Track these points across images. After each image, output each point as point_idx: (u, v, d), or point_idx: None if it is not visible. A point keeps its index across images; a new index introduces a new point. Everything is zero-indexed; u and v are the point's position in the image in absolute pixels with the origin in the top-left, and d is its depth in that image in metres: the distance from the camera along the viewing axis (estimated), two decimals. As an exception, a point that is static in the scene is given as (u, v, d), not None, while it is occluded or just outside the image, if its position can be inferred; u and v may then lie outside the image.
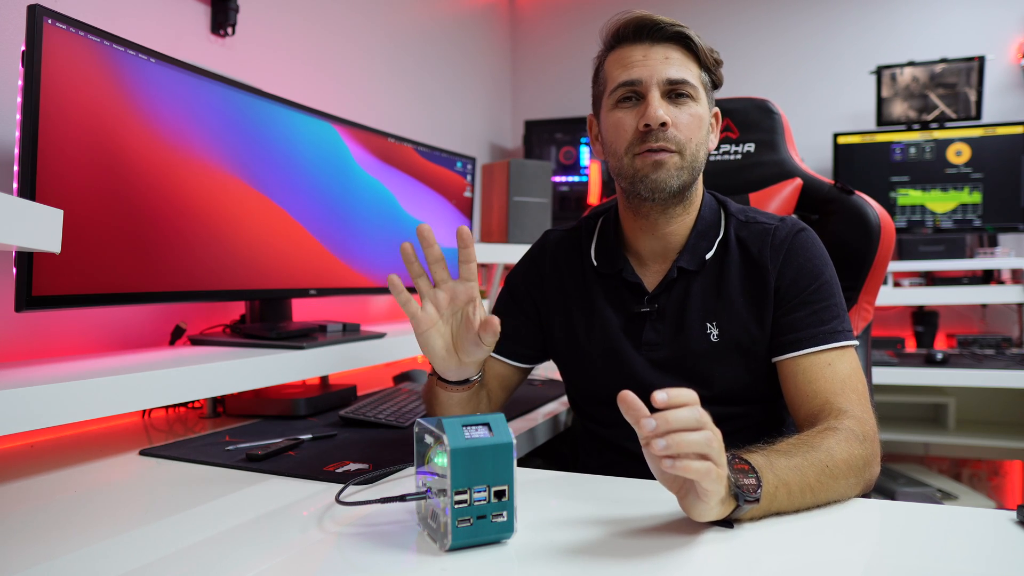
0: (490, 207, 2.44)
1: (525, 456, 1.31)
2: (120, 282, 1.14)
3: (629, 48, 1.01)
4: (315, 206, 1.56)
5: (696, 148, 1.00)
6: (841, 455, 0.81)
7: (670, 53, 0.99)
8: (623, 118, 1.00)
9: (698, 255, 1.05)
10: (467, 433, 0.67)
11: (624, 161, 1.01)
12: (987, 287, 2.60)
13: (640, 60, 0.99)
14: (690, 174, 1.00)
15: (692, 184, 1.02)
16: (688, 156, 0.99)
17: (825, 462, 0.79)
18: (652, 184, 0.99)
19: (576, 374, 1.16)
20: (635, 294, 1.08)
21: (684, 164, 0.99)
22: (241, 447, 1.10)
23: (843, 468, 0.81)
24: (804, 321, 0.98)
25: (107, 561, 0.69)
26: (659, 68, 0.98)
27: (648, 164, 0.98)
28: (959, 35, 2.86)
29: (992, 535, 0.72)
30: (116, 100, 1.13)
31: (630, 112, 1.00)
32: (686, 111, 0.99)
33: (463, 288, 0.92)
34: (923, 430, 2.65)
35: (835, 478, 0.80)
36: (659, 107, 0.97)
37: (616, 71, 1.01)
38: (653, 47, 0.99)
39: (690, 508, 0.70)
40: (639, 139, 0.99)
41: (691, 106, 0.99)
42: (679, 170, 0.99)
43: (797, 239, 1.03)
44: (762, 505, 0.73)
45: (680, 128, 0.98)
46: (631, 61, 1.00)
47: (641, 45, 1.00)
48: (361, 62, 2.26)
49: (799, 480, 0.77)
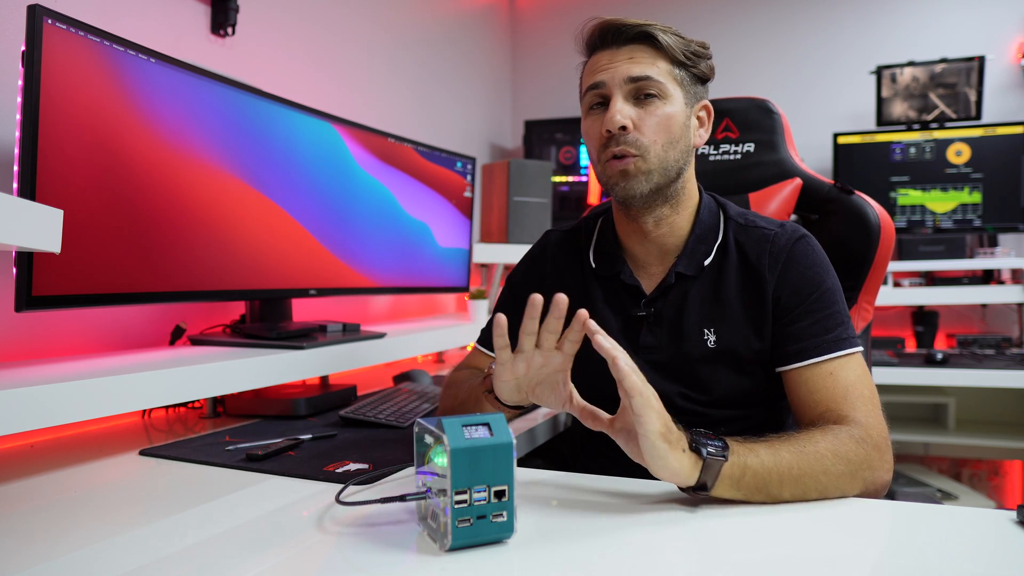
0: (490, 207, 2.44)
1: (525, 456, 1.31)
2: (120, 282, 1.14)
3: (597, 55, 1.01)
4: (315, 206, 1.56)
5: (664, 149, 0.98)
6: (826, 444, 0.82)
7: (635, 53, 0.98)
8: (591, 125, 1.01)
9: (696, 260, 1.04)
10: (467, 433, 0.67)
11: (598, 168, 1.02)
12: (987, 287, 2.60)
13: (606, 64, 0.99)
14: (661, 176, 0.99)
15: (670, 185, 1.01)
16: (653, 158, 0.97)
17: (803, 444, 0.81)
18: (622, 192, 0.99)
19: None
20: (633, 297, 1.07)
21: (651, 167, 0.98)
22: (241, 447, 1.10)
23: (828, 456, 0.81)
24: (807, 331, 0.97)
25: (107, 561, 0.69)
26: (621, 68, 0.97)
27: (616, 172, 0.99)
28: (959, 35, 2.86)
29: (992, 535, 0.72)
30: (116, 100, 1.13)
31: (598, 119, 1.00)
32: (652, 111, 0.97)
33: (560, 360, 0.87)
34: (923, 430, 2.65)
35: (819, 461, 0.81)
36: (618, 112, 0.96)
37: (586, 78, 1.02)
38: (619, 50, 0.99)
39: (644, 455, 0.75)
40: (603, 145, 0.99)
41: (658, 106, 0.97)
42: (646, 174, 0.98)
43: (797, 247, 1.02)
44: (734, 473, 0.76)
45: (644, 130, 0.97)
46: (598, 67, 1.00)
47: (607, 50, 1.00)
48: (361, 62, 2.26)
49: (772, 456, 0.79)
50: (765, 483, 0.78)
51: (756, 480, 0.78)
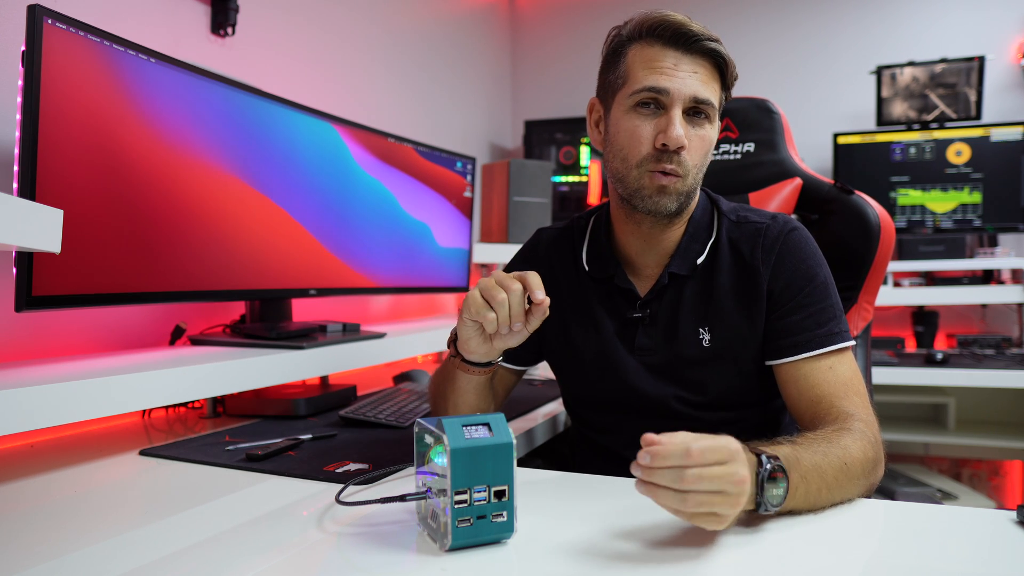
0: (490, 207, 2.44)
1: (525, 456, 1.31)
2: (120, 282, 1.14)
3: (660, 50, 0.95)
4: (315, 206, 1.55)
5: (699, 172, 0.99)
6: (858, 455, 0.81)
7: (699, 67, 0.95)
8: (641, 127, 0.96)
9: (689, 259, 1.04)
10: (467, 433, 0.67)
11: (632, 173, 0.98)
12: (987, 287, 2.60)
13: (670, 68, 0.94)
14: (689, 197, 0.99)
15: (689, 202, 1.01)
16: (691, 180, 0.98)
17: (844, 460, 0.79)
18: (652, 205, 0.97)
19: (570, 377, 1.15)
20: (627, 299, 1.07)
21: (686, 189, 0.98)
22: (241, 447, 1.10)
23: (858, 469, 0.81)
24: (800, 324, 0.97)
25: (107, 561, 0.69)
26: (688, 83, 0.94)
27: (654, 186, 0.96)
28: (959, 35, 2.86)
29: (992, 535, 0.72)
30: (116, 100, 1.13)
31: (648, 121, 0.96)
32: (700, 133, 0.97)
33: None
34: (923, 430, 2.65)
35: (851, 478, 0.80)
36: (680, 128, 0.93)
37: (642, 71, 0.95)
38: (685, 57, 0.95)
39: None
40: (654, 156, 0.95)
41: (706, 128, 0.97)
42: (681, 195, 0.98)
43: (789, 239, 1.01)
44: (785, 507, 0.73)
45: (692, 152, 0.96)
46: (660, 66, 0.94)
47: (674, 51, 0.95)
48: (361, 62, 2.26)
49: (818, 479, 0.76)
50: (800, 508, 0.77)
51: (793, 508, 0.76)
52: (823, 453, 0.78)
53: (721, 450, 0.67)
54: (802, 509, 0.77)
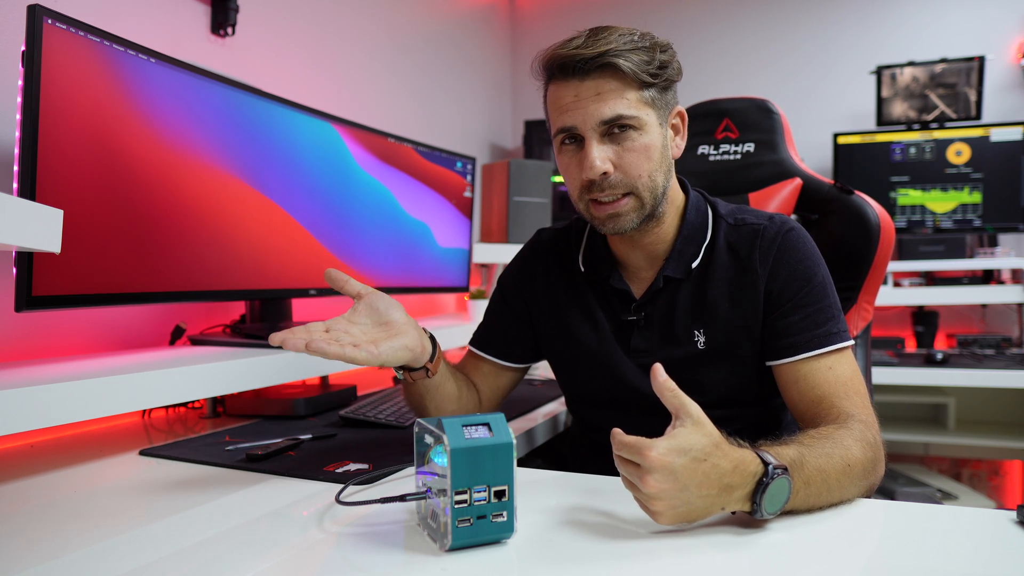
0: (490, 207, 2.44)
1: (525, 456, 1.31)
2: (120, 282, 1.14)
3: (561, 86, 0.94)
4: (315, 206, 1.55)
5: (650, 178, 0.96)
6: (859, 455, 0.81)
7: (602, 86, 0.92)
8: (569, 165, 0.97)
9: (684, 262, 1.03)
10: (467, 433, 0.67)
11: (580, 206, 0.99)
12: (987, 287, 2.60)
13: (572, 102, 0.93)
14: (651, 203, 0.97)
15: (658, 206, 0.99)
16: (644, 190, 0.96)
17: (847, 461, 0.79)
18: (611, 229, 0.98)
19: (568, 376, 1.15)
20: (623, 301, 1.07)
21: (641, 202, 0.96)
22: (241, 447, 1.10)
23: (859, 470, 0.81)
24: (799, 325, 0.97)
25: (107, 561, 0.69)
26: (591, 109, 0.92)
27: (603, 216, 0.97)
28: (959, 35, 2.86)
29: (992, 535, 0.72)
30: (116, 100, 1.13)
31: (574, 158, 0.96)
32: (630, 147, 0.93)
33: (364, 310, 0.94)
34: (923, 430, 2.65)
35: (852, 479, 0.80)
36: (596, 157, 0.92)
37: (554, 114, 0.97)
38: (583, 83, 0.92)
39: None
40: (586, 188, 0.96)
41: (634, 138, 0.93)
42: (637, 210, 0.97)
43: (786, 239, 1.01)
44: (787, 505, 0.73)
45: (626, 168, 0.94)
46: (564, 104, 0.94)
47: (571, 82, 0.93)
48: (361, 62, 2.26)
49: (821, 482, 0.77)
50: (799, 508, 0.77)
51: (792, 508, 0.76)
52: (827, 455, 0.78)
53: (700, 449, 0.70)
54: (801, 510, 0.77)
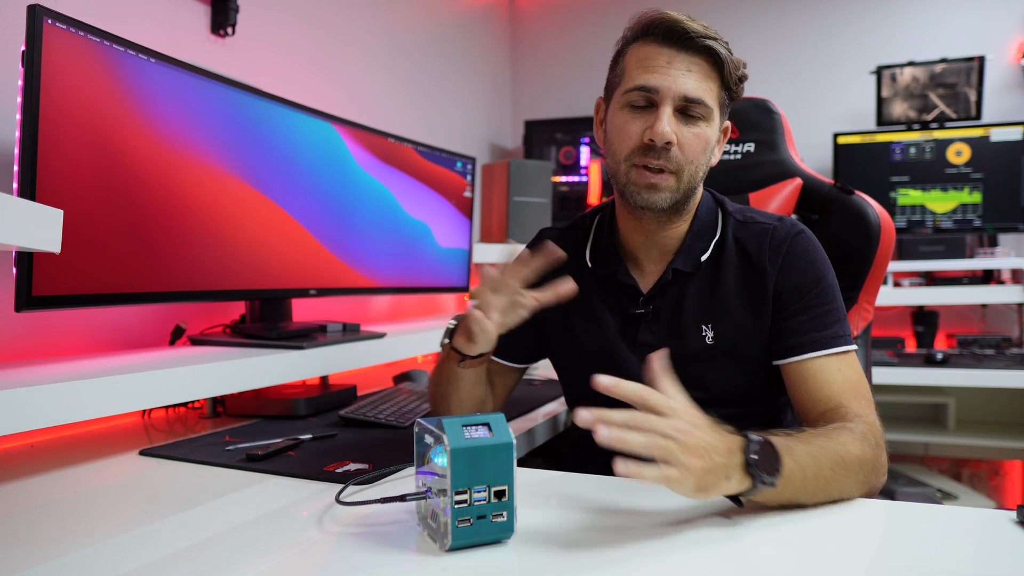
0: (490, 207, 2.44)
1: (525, 456, 1.31)
2: (120, 282, 1.14)
3: (655, 48, 0.96)
4: (315, 206, 1.55)
5: (696, 169, 0.98)
6: (855, 451, 0.82)
7: (694, 65, 0.95)
8: (629, 123, 0.97)
9: (693, 256, 1.04)
10: (467, 433, 0.67)
11: (621, 167, 0.99)
12: (987, 287, 2.60)
13: (663, 66, 0.94)
14: (685, 193, 0.99)
15: (688, 200, 1.01)
16: (686, 178, 0.97)
17: (841, 453, 0.80)
18: (643, 201, 0.98)
19: (572, 375, 1.15)
20: (630, 295, 1.07)
21: (680, 186, 0.97)
22: (241, 447, 1.10)
23: (855, 464, 0.81)
24: (808, 325, 0.98)
25: (107, 561, 0.69)
26: (679, 80, 0.94)
27: (643, 183, 0.97)
28: (959, 35, 2.86)
29: (992, 535, 0.72)
30: (116, 100, 1.13)
31: (638, 118, 0.96)
32: (693, 131, 0.96)
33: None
34: (923, 430, 2.65)
35: (847, 472, 0.80)
36: (667, 124, 0.93)
37: (635, 70, 0.97)
38: (679, 55, 0.94)
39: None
40: (640, 151, 0.96)
41: (700, 127, 0.96)
42: (673, 192, 0.97)
43: (797, 241, 1.02)
44: (777, 488, 0.73)
45: (684, 149, 0.96)
46: (653, 64, 0.95)
47: (667, 49, 0.95)
48: (361, 62, 2.26)
49: (815, 468, 0.77)
50: (798, 496, 0.77)
51: (792, 496, 0.76)
52: (819, 445, 0.79)
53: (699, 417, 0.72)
54: (800, 499, 0.77)
